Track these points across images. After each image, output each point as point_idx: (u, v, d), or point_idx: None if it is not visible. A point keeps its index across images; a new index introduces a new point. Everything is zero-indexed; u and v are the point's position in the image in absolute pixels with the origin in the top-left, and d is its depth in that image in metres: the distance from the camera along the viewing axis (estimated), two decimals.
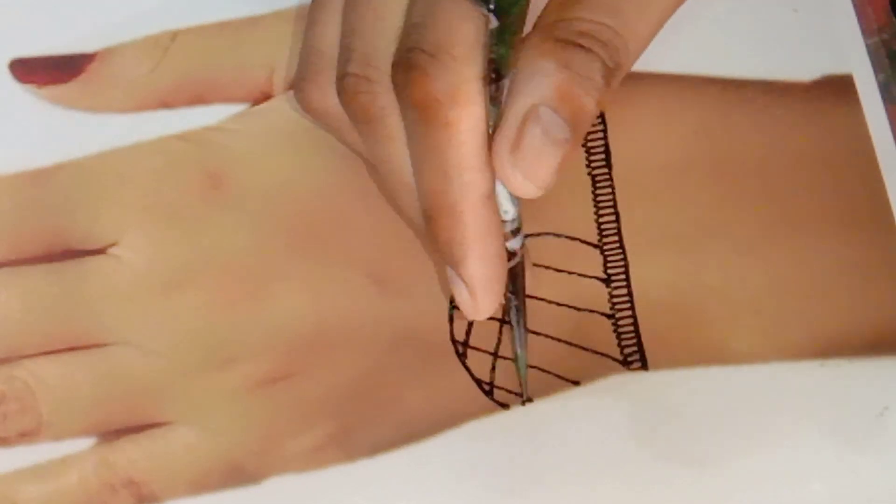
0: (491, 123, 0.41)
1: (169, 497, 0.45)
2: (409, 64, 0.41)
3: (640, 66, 0.49)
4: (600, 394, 0.46)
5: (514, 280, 0.44)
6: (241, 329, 0.47)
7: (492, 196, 0.42)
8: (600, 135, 0.49)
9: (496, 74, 0.41)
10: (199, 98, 0.50)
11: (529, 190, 0.41)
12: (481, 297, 0.42)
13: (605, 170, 0.48)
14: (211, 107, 0.50)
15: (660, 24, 0.44)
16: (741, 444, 0.45)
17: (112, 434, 0.46)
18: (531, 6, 0.42)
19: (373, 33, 0.43)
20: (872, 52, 0.50)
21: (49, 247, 0.48)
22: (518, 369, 0.46)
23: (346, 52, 0.43)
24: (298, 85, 0.45)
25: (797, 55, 0.50)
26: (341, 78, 0.43)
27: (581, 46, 0.41)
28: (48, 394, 0.46)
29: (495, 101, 0.41)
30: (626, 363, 0.46)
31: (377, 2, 0.43)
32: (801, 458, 0.45)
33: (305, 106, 0.45)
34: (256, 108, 0.50)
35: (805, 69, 0.50)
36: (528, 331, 0.45)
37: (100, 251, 0.48)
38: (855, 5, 0.50)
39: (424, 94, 0.41)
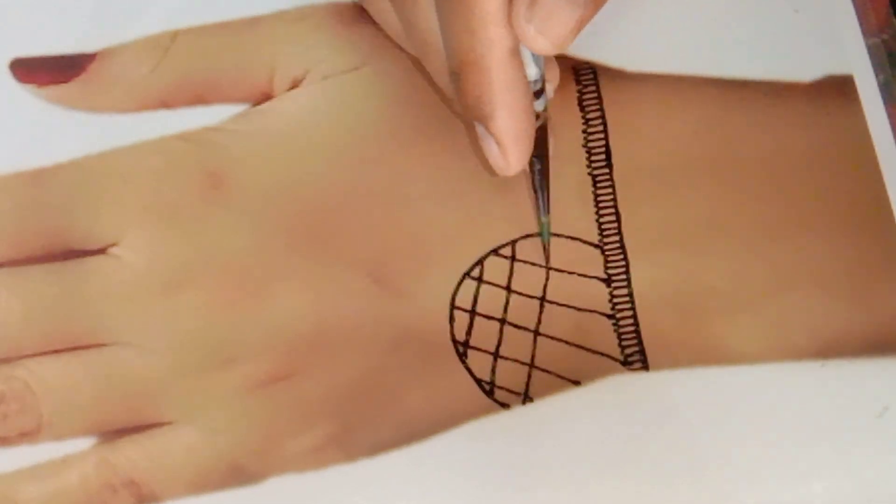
0: None
1: (169, 497, 0.45)
2: None
3: (640, 66, 0.50)
4: (601, 394, 0.46)
5: (538, 143, 0.45)
6: (242, 329, 0.47)
7: (517, 52, 0.43)
8: (601, 135, 0.49)
9: None
10: (199, 98, 0.50)
11: (543, 45, 0.42)
12: (511, 150, 0.44)
13: (606, 170, 0.48)
14: (211, 107, 0.50)
15: None
16: (741, 444, 0.45)
17: (112, 434, 0.46)
18: None
19: None
20: (873, 53, 0.50)
21: (49, 247, 0.48)
22: (542, 236, 0.46)
23: None
24: None
25: (798, 55, 0.50)
26: None
27: None
28: (49, 394, 0.46)
29: None
30: (626, 363, 0.46)
31: None
32: (802, 458, 0.45)
33: None
34: (257, 108, 0.50)
35: (806, 69, 0.50)
36: (549, 199, 0.46)
37: (100, 251, 0.48)
38: (855, 6, 0.51)
39: None
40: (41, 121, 0.49)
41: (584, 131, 0.49)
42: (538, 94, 0.44)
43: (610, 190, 0.48)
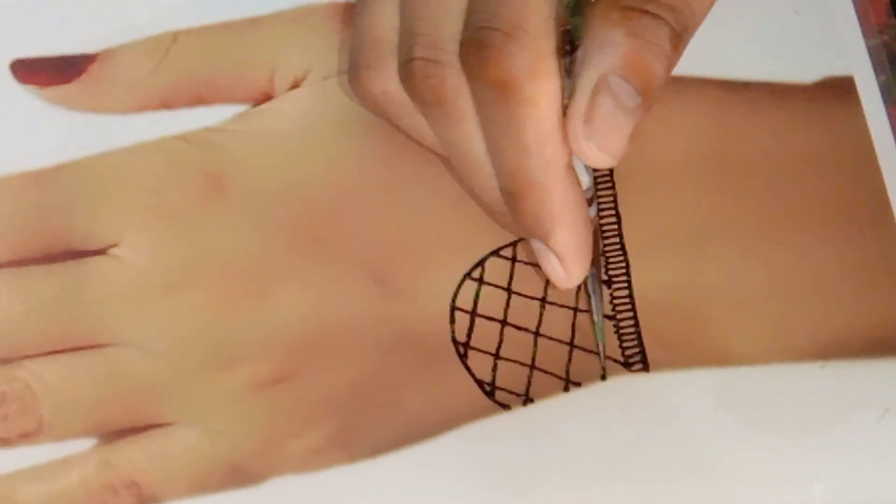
0: (566, 96, 0.42)
1: (170, 498, 0.45)
2: (482, 43, 0.41)
3: None
4: (601, 395, 0.46)
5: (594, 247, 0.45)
6: (242, 330, 0.47)
7: (571, 167, 0.43)
8: None
9: (571, 46, 0.41)
10: (200, 99, 0.50)
11: (604, 160, 0.42)
12: (572, 265, 0.44)
13: (607, 172, 0.48)
14: (212, 107, 0.50)
15: None
16: (742, 445, 0.45)
17: (113, 435, 0.46)
18: None
19: (437, 15, 0.43)
20: (873, 54, 0.50)
21: (50, 247, 0.48)
22: (597, 337, 0.46)
23: (409, 37, 0.43)
24: (356, 73, 0.45)
25: (798, 57, 0.50)
26: (407, 62, 0.43)
27: (648, 13, 0.42)
28: (49, 394, 0.46)
29: (570, 73, 0.42)
30: (627, 365, 0.46)
31: None
32: (802, 459, 0.45)
33: (364, 93, 0.45)
34: (258, 108, 0.50)
35: (806, 70, 0.50)
36: (602, 303, 0.46)
37: (101, 252, 0.48)
38: (856, 7, 0.50)
39: (502, 71, 0.41)
40: (42, 121, 0.49)
41: None
42: (590, 201, 0.44)
43: (610, 191, 0.48)
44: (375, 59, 0.44)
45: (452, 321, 0.47)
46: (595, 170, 0.48)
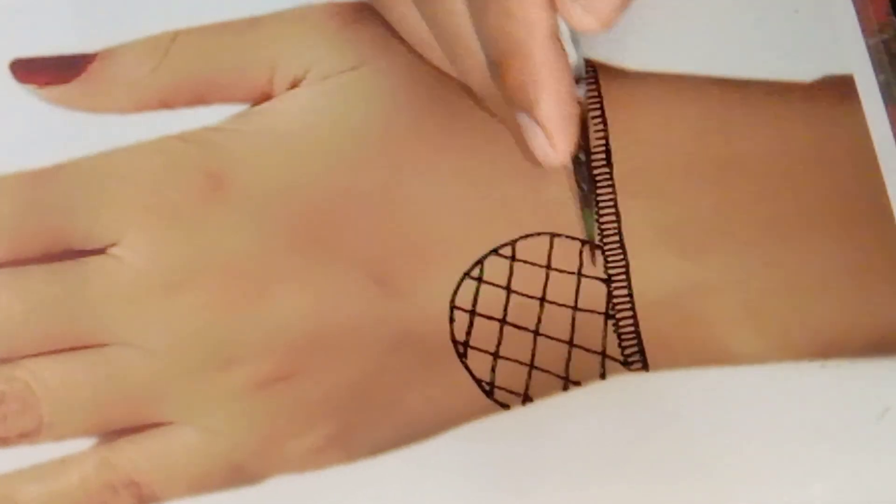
0: None
1: (169, 497, 0.45)
2: None
3: (641, 65, 0.50)
4: (601, 394, 0.46)
5: (581, 133, 0.44)
6: (242, 329, 0.47)
7: (557, 36, 0.42)
8: (601, 134, 0.49)
9: None
10: (199, 98, 0.50)
11: (590, 23, 0.41)
12: (558, 137, 0.43)
13: (606, 169, 0.48)
14: (211, 107, 0.50)
15: None
16: (741, 445, 0.45)
17: (113, 434, 0.46)
18: None
19: None
20: (873, 53, 0.50)
21: (49, 247, 0.48)
22: (587, 232, 0.46)
23: None
24: None
25: (798, 55, 0.50)
26: None
27: None
28: (49, 394, 0.46)
29: None
30: (626, 364, 0.46)
31: None
32: (802, 459, 0.45)
33: None
34: (257, 108, 0.50)
35: (806, 69, 0.50)
36: (593, 190, 0.46)
37: (100, 251, 0.48)
38: (855, 5, 0.50)
39: None
40: (41, 121, 0.49)
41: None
42: (577, 80, 0.43)
43: (610, 190, 0.48)
44: None
45: (452, 320, 0.47)
46: (594, 171, 0.49)
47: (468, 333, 0.47)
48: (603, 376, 0.46)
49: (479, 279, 0.47)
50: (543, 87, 0.42)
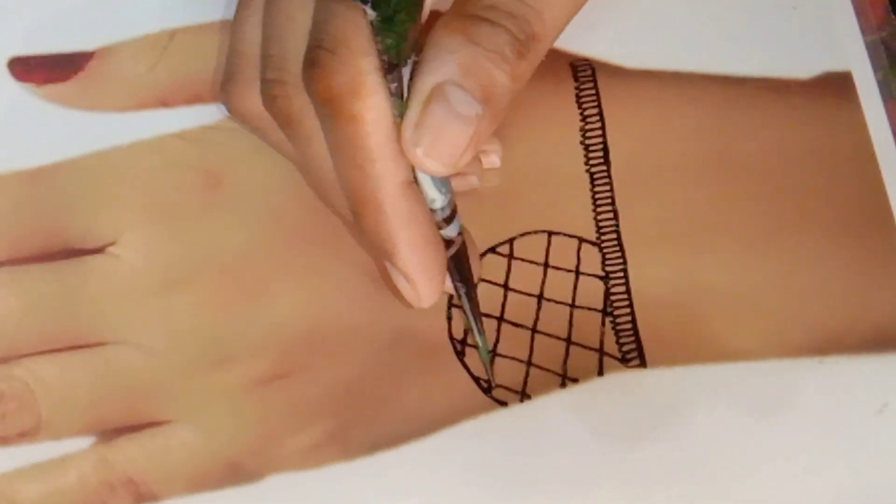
0: (397, 114, 0.41)
1: (168, 495, 0.45)
2: (312, 61, 0.41)
3: (639, 63, 0.50)
4: (598, 392, 0.46)
5: (459, 267, 0.44)
6: (240, 328, 0.47)
7: (411, 184, 0.42)
8: (599, 132, 0.49)
9: (389, 66, 0.41)
10: (197, 97, 0.50)
11: (434, 167, 0.41)
12: (420, 284, 0.43)
13: (604, 167, 0.48)
14: (209, 106, 0.50)
15: None
16: (740, 441, 0.45)
17: (111, 433, 0.46)
18: None
19: (285, 37, 0.43)
20: (871, 50, 0.50)
21: (47, 246, 0.48)
22: (481, 354, 0.46)
23: (264, 59, 0.44)
24: (223, 87, 0.46)
25: (796, 52, 0.50)
26: (263, 84, 0.43)
27: (487, 20, 0.41)
28: (47, 393, 0.46)
29: (396, 93, 0.41)
30: (624, 361, 0.46)
31: (288, 4, 0.43)
32: (801, 454, 0.45)
33: (231, 108, 0.46)
34: None
35: (804, 66, 0.50)
36: (481, 315, 0.45)
37: (98, 250, 0.48)
38: (854, 3, 0.50)
39: (326, 88, 0.41)
40: (39, 120, 0.49)
41: (581, 128, 0.49)
42: (449, 219, 0.43)
43: (608, 187, 0.48)
44: (239, 74, 0.45)
45: (449, 318, 0.47)
46: (591, 169, 0.48)
47: (466, 331, 0.47)
48: (601, 373, 0.46)
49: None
50: (399, 238, 0.42)
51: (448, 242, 0.43)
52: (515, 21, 0.41)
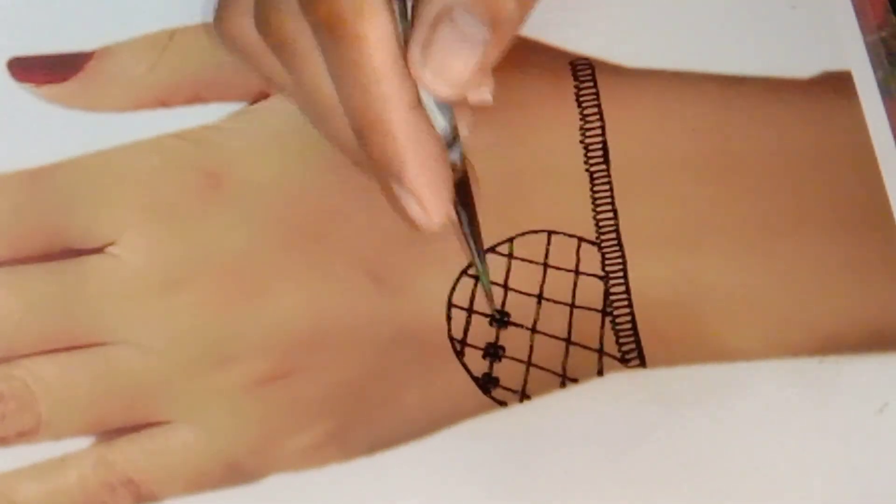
0: (402, 37, 0.41)
1: (168, 496, 0.45)
2: None
3: (638, 62, 0.50)
4: (598, 391, 0.46)
5: (462, 194, 0.44)
6: (240, 328, 0.47)
7: (418, 105, 0.42)
8: (598, 131, 0.49)
9: None
10: (197, 97, 0.50)
11: (441, 89, 0.41)
12: (430, 203, 0.42)
13: (603, 167, 0.48)
14: (209, 105, 0.50)
15: None
16: (739, 441, 0.45)
17: (111, 433, 0.46)
18: None
19: None
20: (871, 49, 0.50)
21: (47, 246, 0.48)
22: (482, 283, 0.46)
23: None
24: (217, 14, 0.45)
25: (796, 52, 0.50)
26: (256, 7, 0.43)
27: None
28: (47, 393, 0.46)
29: (403, 17, 0.41)
30: (624, 360, 0.46)
31: None
32: (801, 454, 0.45)
33: (224, 34, 0.45)
34: (254, 106, 0.50)
35: (804, 66, 0.50)
36: (482, 247, 0.46)
37: (98, 250, 0.48)
38: (854, 3, 0.50)
39: (329, 10, 0.41)
40: (39, 120, 0.49)
41: (581, 128, 0.49)
42: (451, 144, 0.43)
43: (607, 187, 0.48)
44: (233, 2, 0.45)
45: (449, 318, 0.47)
46: (591, 168, 0.48)
47: (465, 331, 0.47)
48: (600, 373, 0.46)
49: (477, 277, 0.47)
50: (407, 158, 0.42)
51: (452, 167, 0.43)
52: None
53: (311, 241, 0.48)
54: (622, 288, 0.47)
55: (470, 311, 0.47)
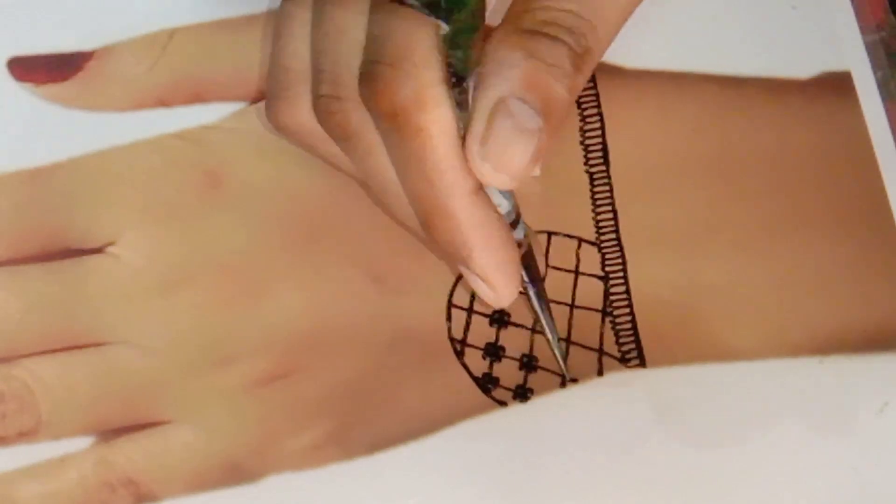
0: (461, 126, 0.41)
1: (167, 496, 0.45)
2: (371, 76, 0.41)
3: (638, 63, 0.50)
4: (598, 391, 0.46)
5: (528, 269, 0.45)
6: (239, 328, 0.47)
7: (480, 190, 0.42)
8: (598, 132, 0.49)
9: (456, 78, 0.41)
10: (196, 97, 0.50)
11: (502, 181, 0.41)
12: (498, 283, 0.43)
13: (603, 167, 0.48)
14: (209, 105, 0.50)
15: (631, 5, 0.44)
16: (740, 441, 0.45)
17: (111, 433, 0.46)
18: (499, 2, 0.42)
19: (338, 51, 0.43)
20: (871, 50, 0.50)
21: (47, 246, 0.48)
22: (555, 353, 0.46)
23: (316, 74, 0.43)
24: (270, 104, 0.45)
25: (795, 52, 0.50)
26: (315, 98, 0.43)
27: (546, 35, 0.42)
28: (47, 393, 0.46)
29: (461, 105, 0.41)
30: (624, 360, 0.46)
31: (339, 18, 0.43)
32: (801, 454, 0.45)
33: (278, 124, 0.45)
34: (254, 106, 0.50)
35: (803, 66, 0.50)
36: (552, 318, 0.46)
37: (98, 250, 0.48)
38: (854, 3, 0.50)
39: (390, 103, 0.41)
40: (38, 119, 0.49)
41: (581, 128, 0.49)
42: (515, 223, 0.44)
43: (607, 187, 0.48)
44: (286, 90, 0.44)
45: (449, 318, 0.47)
46: (591, 170, 0.49)
47: (465, 331, 0.47)
48: (600, 373, 0.46)
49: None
50: (473, 244, 0.42)
51: (517, 244, 0.44)
52: (573, 36, 0.42)
53: (311, 241, 0.48)
54: (622, 288, 0.47)
55: (470, 311, 0.47)
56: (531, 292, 0.45)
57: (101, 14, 0.51)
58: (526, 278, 0.45)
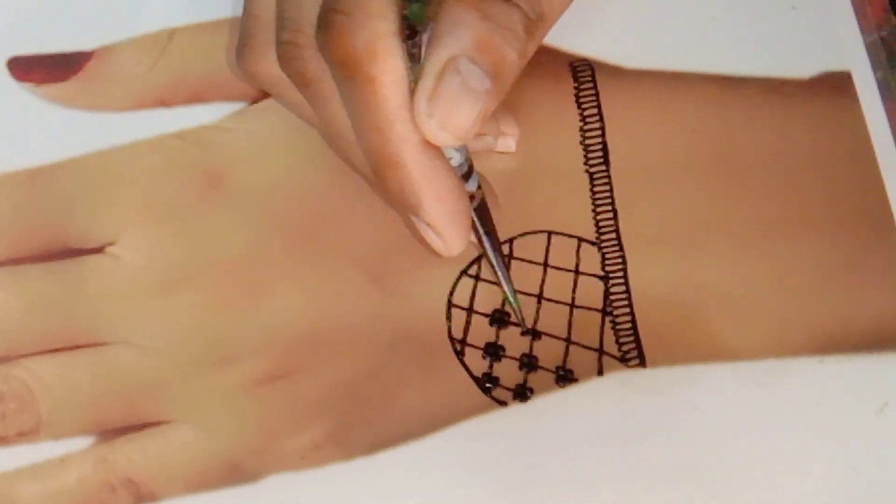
0: (412, 78, 0.42)
1: (167, 495, 0.45)
2: (326, 24, 0.42)
3: (637, 63, 0.50)
4: (598, 391, 0.46)
5: (483, 221, 0.45)
6: (240, 328, 0.47)
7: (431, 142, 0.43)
8: (598, 132, 0.49)
9: (410, 31, 0.41)
10: (196, 96, 0.50)
11: (446, 139, 0.42)
12: (447, 233, 0.43)
13: (603, 167, 0.48)
14: (209, 105, 0.50)
15: None
16: (739, 440, 0.45)
17: (111, 433, 0.46)
18: None
19: None
20: (871, 50, 0.50)
21: (47, 246, 0.48)
22: (511, 304, 0.46)
23: (279, 20, 0.44)
24: (238, 51, 0.46)
25: (796, 52, 0.50)
26: (277, 45, 0.44)
27: None
28: (47, 393, 0.46)
29: (414, 58, 0.42)
30: (623, 360, 0.46)
31: None
32: (801, 454, 0.45)
33: (247, 71, 0.46)
34: (254, 106, 0.50)
35: (803, 66, 0.50)
36: (508, 266, 0.46)
37: (98, 250, 0.48)
38: (854, 3, 0.50)
39: (343, 52, 0.41)
40: (39, 119, 0.49)
41: (581, 128, 0.49)
42: (467, 175, 0.44)
43: (607, 187, 0.48)
44: (253, 38, 0.45)
45: (449, 318, 0.47)
46: (591, 169, 0.48)
47: (465, 331, 0.47)
48: (600, 373, 0.46)
49: (477, 277, 0.47)
50: (422, 192, 0.43)
51: (469, 197, 0.44)
52: (528, 1, 0.42)
53: (311, 242, 0.48)
54: (622, 288, 0.47)
55: (470, 310, 0.47)
56: (486, 243, 0.45)
57: (100, 14, 0.51)
58: (481, 230, 0.45)
